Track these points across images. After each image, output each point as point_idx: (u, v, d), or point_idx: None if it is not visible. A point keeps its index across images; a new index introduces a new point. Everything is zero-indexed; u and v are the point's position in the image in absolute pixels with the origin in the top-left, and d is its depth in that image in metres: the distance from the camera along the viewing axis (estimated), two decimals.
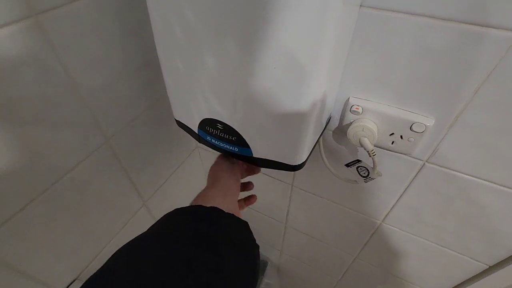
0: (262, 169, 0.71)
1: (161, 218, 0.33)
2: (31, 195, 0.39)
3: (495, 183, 0.43)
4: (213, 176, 0.45)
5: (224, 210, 0.34)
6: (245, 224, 0.36)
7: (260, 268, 0.34)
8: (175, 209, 0.33)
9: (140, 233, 0.30)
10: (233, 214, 0.35)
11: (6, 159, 0.35)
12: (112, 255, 0.26)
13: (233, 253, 0.29)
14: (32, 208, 0.40)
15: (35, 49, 0.34)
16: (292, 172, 0.67)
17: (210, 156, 0.78)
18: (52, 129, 0.39)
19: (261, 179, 0.73)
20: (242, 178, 0.49)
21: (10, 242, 0.39)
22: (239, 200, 0.50)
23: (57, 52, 0.36)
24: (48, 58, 0.35)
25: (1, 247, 0.38)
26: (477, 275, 0.58)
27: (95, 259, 0.54)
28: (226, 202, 0.37)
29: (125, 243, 0.28)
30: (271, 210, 0.83)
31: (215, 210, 0.33)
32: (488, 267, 0.55)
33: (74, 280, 0.52)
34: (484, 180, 0.43)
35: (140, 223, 0.64)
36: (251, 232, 0.36)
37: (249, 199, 0.51)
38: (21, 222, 0.39)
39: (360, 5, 0.35)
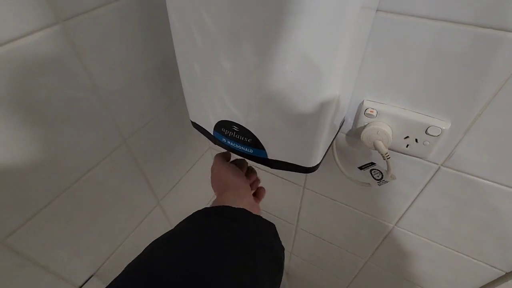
0: (274, 170, 0.71)
1: (190, 216, 0.34)
2: (54, 193, 0.41)
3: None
4: (220, 182, 0.45)
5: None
6: (272, 226, 0.37)
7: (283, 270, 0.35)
8: (204, 208, 0.34)
9: (154, 231, 0.31)
10: (260, 216, 0.36)
11: (32, 158, 0.36)
12: (149, 246, 0.28)
13: (262, 254, 0.30)
14: (54, 206, 0.41)
15: (61, 54, 0.35)
16: (304, 174, 0.67)
17: None
18: (74, 130, 0.40)
19: (272, 181, 0.73)
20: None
21: (34, 237, 0.40)
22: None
23: (80, 56, 0.37)
24: (72, 62, 0.37)
25: (27, 242, 0.39)
26: (492, 281, 0.57)
27: (112, 256, 0.56)
28: (244, 204, 0.38)
29: (139, 241, 0.29)
30: (282, 211, 0.83)
31: (243, 212, 0.35)
32: (504, 273, 0.54)
33: (91, 276, 0.53)
34: (501, 184, 0.43)
35: (154, 221, 0.65)
36: (277, 234, 0.37)
37: (259, 194, 0.50)
38: (44, 219, 0.41)
39: (377, 9, 0.35)
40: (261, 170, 0.73)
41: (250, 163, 0.51)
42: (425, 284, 0.70)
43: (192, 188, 0.77)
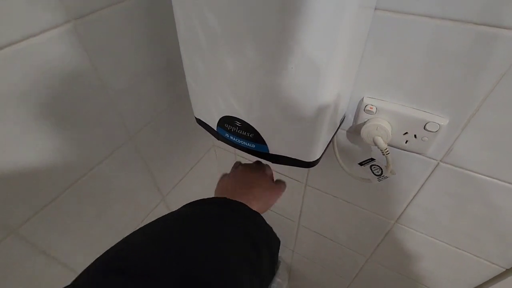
0: (276, 167, 0.72)
1: (188, 204, 0.36)
2: (63, 186, 0.42)
3: (511, 183, 0.43)
4: (242, 182, 0.46)
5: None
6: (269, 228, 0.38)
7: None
8: (200, 200, 0.36)
9: None
10: (258, 212, 0.37)
11: (41, 153, 0.38)
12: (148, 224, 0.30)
13: (264, 245, 0.32)
14: (63, 199, 0.43)
15: (71, 52, 0.36)
16: (306, 171, 0.68)
17: (225, 155, 0.80)
18: (82, 126, 0.42)
19: (274, 178, 0.74)
20: None
21: (44, 229, 0.42)
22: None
23: (89, 54, 0.39)
24: (82, 60, 0.38)
25: (37, 233, 0.41)
26: (493, 278, 0.57)
27: None
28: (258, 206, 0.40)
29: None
30: (284, 208, 0.84)
31: (241, 205, 0.36)
32: (504, 270, 0.55)
33: None
34: (500, 180, 0.43)
35: (158, 217, 0.66)
36: (271, 229, 0.38)
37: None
38: (53, 212, 0.42)
39: (375, 8, 0.36)
40: None
41: (255, 159, 0.52)
42: (426, 282, 0.71)
43: (196, 185, 0.78)
